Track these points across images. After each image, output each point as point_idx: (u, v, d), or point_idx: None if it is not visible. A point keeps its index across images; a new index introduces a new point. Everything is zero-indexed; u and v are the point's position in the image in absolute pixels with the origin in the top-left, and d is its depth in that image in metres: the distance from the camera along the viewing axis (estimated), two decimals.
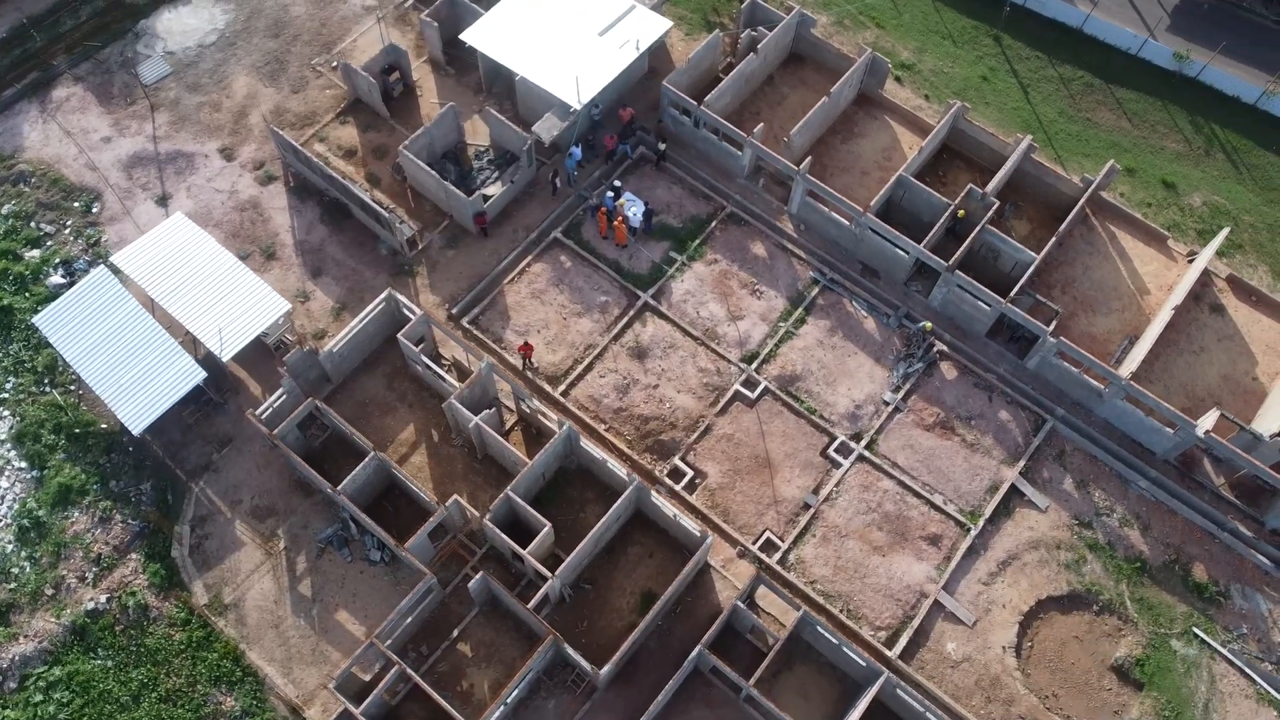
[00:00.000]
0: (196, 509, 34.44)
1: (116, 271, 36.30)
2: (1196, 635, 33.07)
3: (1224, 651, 32.79)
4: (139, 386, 33.83)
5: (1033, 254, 36.69)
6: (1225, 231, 37.97)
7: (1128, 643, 33.03)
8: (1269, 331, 38.19)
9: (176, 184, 40.02)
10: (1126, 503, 35.12)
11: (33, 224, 39.15)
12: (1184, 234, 40.50)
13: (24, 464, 34.95)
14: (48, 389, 36.28)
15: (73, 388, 36.42)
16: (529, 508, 31.79)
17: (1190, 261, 39.22)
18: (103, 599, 32.88)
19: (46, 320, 35.14)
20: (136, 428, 33.32)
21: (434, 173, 37.73)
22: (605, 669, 29.85)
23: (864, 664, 30.43)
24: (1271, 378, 37.24)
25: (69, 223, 39.27)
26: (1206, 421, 33.73)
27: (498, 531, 31.52)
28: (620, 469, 32.83)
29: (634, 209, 38.47)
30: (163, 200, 39.65)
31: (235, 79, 42.52)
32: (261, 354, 36.44)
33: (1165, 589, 33.84)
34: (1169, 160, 42.51)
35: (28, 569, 33.38)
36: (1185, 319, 37.91)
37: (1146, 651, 32.82)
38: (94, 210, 39.57)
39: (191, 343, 35.94)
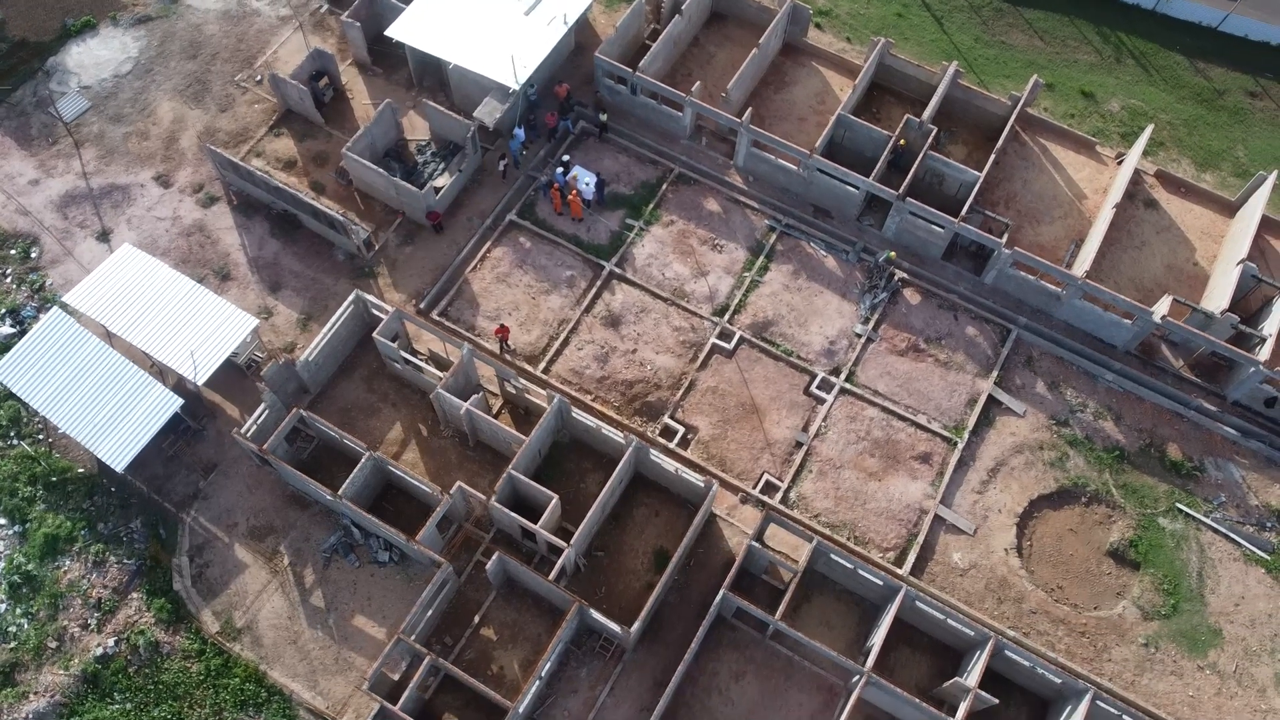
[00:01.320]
0: (192, 539, 33.77)
1: (70, 312, 35.32)
2: (1181, 510, 34.70)
3: (1208, 521, 34.49)
4: (115, 423, 33.02)
5: (976, 173, 37.96)
6: (1149, 130, 39.70)
7: (1119, 527, 34.52)
8: (1201, 218, 40.13)
9: (115, 218, 39.01)
10: (1097, 396, 36.64)
11: None
12: (1109, 138, 42.27)
13: (3, 520, 33.86)
14: (15, 441, 35.16)
15: (41, 436, 35.38)
16: (534, 483, 31.93)
17: (1120, 163, 40.98)
18: (110, 643, 32.09)
19: (5, 370, 34.01)
20: (119, 465, 32.52)
21: (382, 171, 37.45)
22: (634, 627, 30.17)
23: (881, 583, 31.30)
24: (1210, 261, 39.17)
25: (9, 271, 38.01)
26: (1161, 307, 35.36)
27: (506, 511, 31.59)
28: (616, 434, 33.15)
29: (586, 180, 38.72)
30: (104, 236, 38.63)
31: (159, 105, 41.54)
32: (233, 375, 35.84)
33: (1145, 472, 35.42)
34: (1084, 71, 44.28)
35: (25, 625, 32.41)
36: (1124, 217, 39.61)
37: (1137, 533, 34.34)
38: (33, 255, 38.36)
39: (158, 373, 35.15)
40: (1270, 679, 32.11)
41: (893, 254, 37.82)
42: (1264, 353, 34.75)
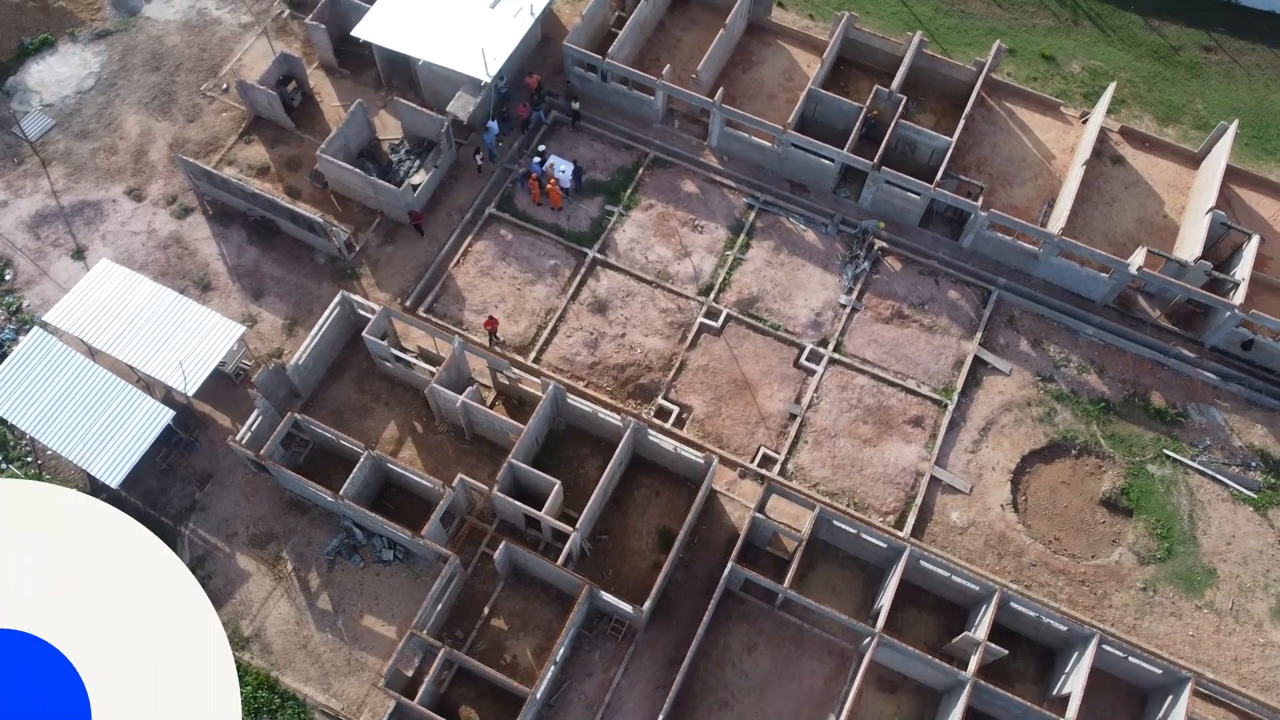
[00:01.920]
0: (192, 551, 33.49)
1: (51, 331, 34.86)
2: (1168, 456, 35.45)
3: (1195, 465, 35.26)
4: (106, 439, 32.63)
5: (947, 139, 38.49)
6: (1112, 86, 40.44)
7: (1110, 477, 35.20)
8: (1167, 171, 40.98)
9: (89, 235, 38.53)
10: (1079, 351, 37.33)
11: None
12: (1072, 99, 43.00)
13: None
14: (4, 465, 34.68)
15: (30, 458, 34.93)
16: (535, 470, 32.01)
17: (1084, 122, 41.71)
18: None
19: None
20: (114, 481, 32.16)
21: (359, 171, 37.31)
22: (646, 605, 30.36)
23: (885, 545, 31.71)
24: (1179, 212, 40.01)
25: None
26: (1137, 259, 36.08)
27: (509, 500, 31.64)
28: (612, 417, 33.29)
29: (563, 169, 38.81)
30: (79, 254, 38.13)
31: (125, 119, 41.05)
32: (221, 385, 35.53)
33: (1131, 421, 36.14)
34: (1043, 35, 45.00)
35: None
36: (1092, 174, 40.32)
37: (1128, 481, 35.04)
38: (7, 278, 37.80)
39: (145, 387, 34.79)
40: (1266, 613, 32.93)
41: (882, 224, 38.26)
42: (1238, 297, 35.57)
